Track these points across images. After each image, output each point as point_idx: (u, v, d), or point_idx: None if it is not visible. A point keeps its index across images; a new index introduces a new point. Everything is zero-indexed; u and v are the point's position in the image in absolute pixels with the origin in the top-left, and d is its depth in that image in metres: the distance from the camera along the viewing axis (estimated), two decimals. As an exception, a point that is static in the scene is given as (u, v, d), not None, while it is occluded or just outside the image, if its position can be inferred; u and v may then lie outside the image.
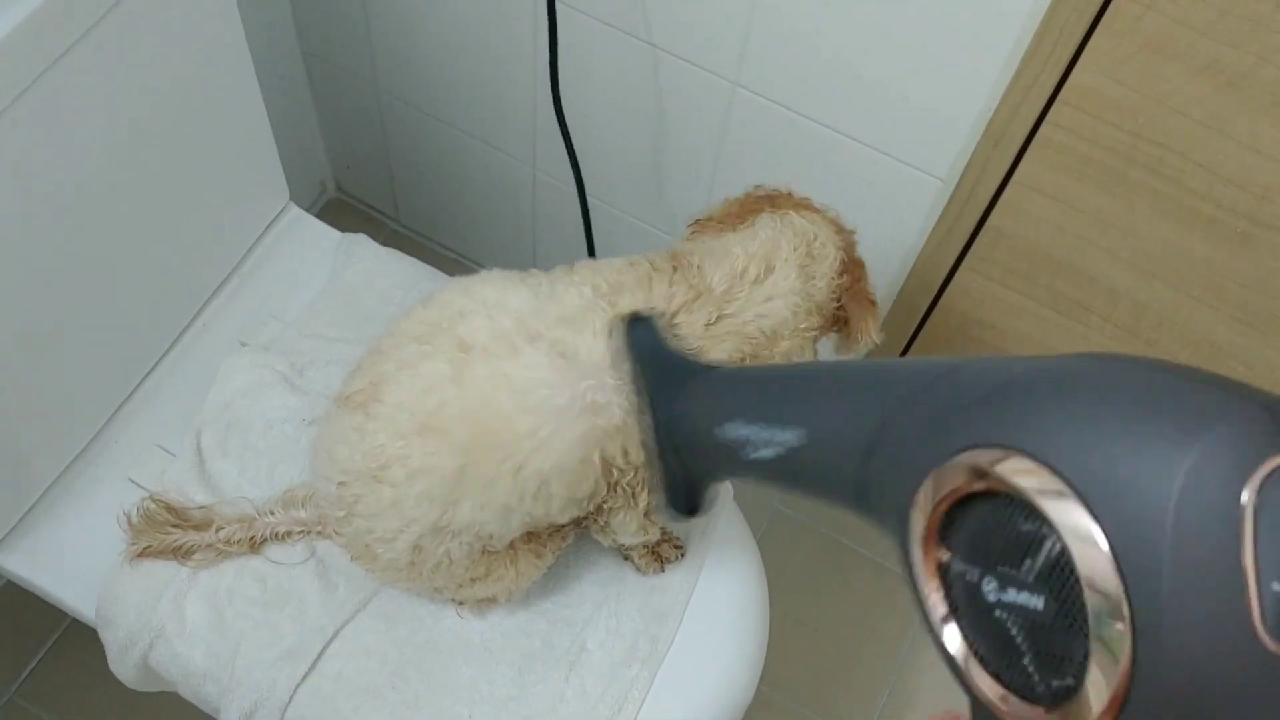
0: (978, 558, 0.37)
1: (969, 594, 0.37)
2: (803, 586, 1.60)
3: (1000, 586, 0.36)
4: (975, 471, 0.36)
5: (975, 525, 0.37)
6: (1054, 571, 0.34)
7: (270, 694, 0.96)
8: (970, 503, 0.37)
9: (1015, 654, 0.36)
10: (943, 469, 0.37)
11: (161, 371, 1.14)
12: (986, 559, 0.36)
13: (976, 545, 0.37)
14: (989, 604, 0.36)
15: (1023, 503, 0.35)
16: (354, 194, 1.82)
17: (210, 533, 0.99)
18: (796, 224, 0.90)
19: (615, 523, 0.91)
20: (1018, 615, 0.35)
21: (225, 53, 1.06)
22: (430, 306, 0.87)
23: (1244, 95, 0.90)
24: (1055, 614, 0.34)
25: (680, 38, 1.15)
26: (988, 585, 0.36)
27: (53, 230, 0.94)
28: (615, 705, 0.98)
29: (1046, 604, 0.34)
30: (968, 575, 0.37)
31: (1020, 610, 0.35)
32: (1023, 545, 0.35)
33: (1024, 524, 0.35)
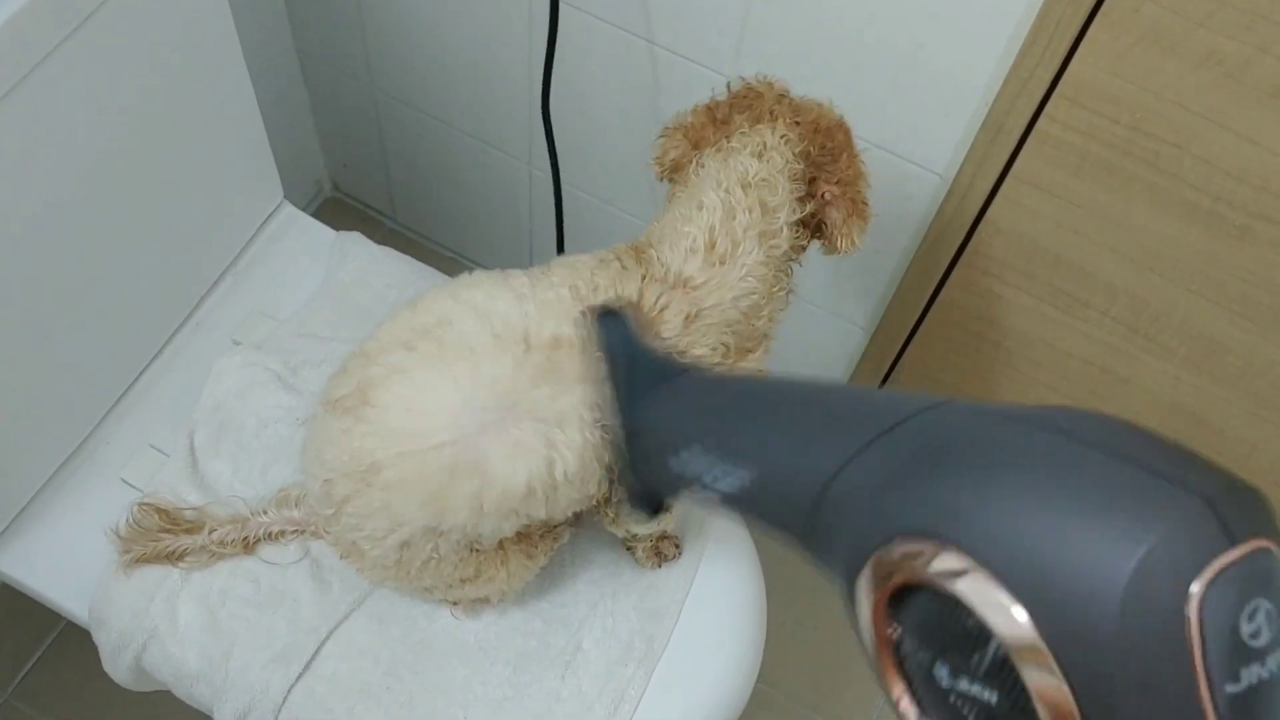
0: (928, 643, 0.36)
1: (922, 674, 0.37)
2: (801, 585, 1.59)
3: (952, 674, 0.36)
4: (915, 569, 0.36)
5: (922, 611, 0.37)
6: (1002, 670, 0.34)
7: (264, 695, 0.95)
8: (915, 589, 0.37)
9: None
10: (883, 554, 0.37)
11: (154, 371, 1.13)
12: (936, 646, 0.36)
13: (925, 631, 0.37)
14: (943, 689, 0.36)
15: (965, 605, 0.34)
16: (350, 193, 1.81)
17: (203, 535, 0.99)
18: (738, 167, 0.85)
19: (625, 512, 0.90)
20: (973, 705, 0.35)
21: (217, 50, 1.05)
22: (416, 311, 0.87)
23: (1243, 87, 0.89)
24: (1009, 709, 0.34)
25: (677, 34, 1.15)
26: (940, 670, 0.36)
27: (43, 229, 0.93)
28: (611, 705, 0.98)
29: (1000, 700, 0.34)
30: (919, 656, 0.37)
31: (975, 701, 0.35)
32: (969, 640, 0.34)
33: (968, 620, 0.34)
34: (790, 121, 0.88)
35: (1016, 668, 0.33)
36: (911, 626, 0.37)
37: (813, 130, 0.89)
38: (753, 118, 0.89)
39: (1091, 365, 1.23)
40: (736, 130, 0.88)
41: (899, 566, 0.36)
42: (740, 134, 0.87)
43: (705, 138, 0.90)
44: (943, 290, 1.25)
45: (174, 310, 1.15)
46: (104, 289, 1.03)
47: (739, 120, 0.89)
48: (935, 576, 0.35)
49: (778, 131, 0.87)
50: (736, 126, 0.88)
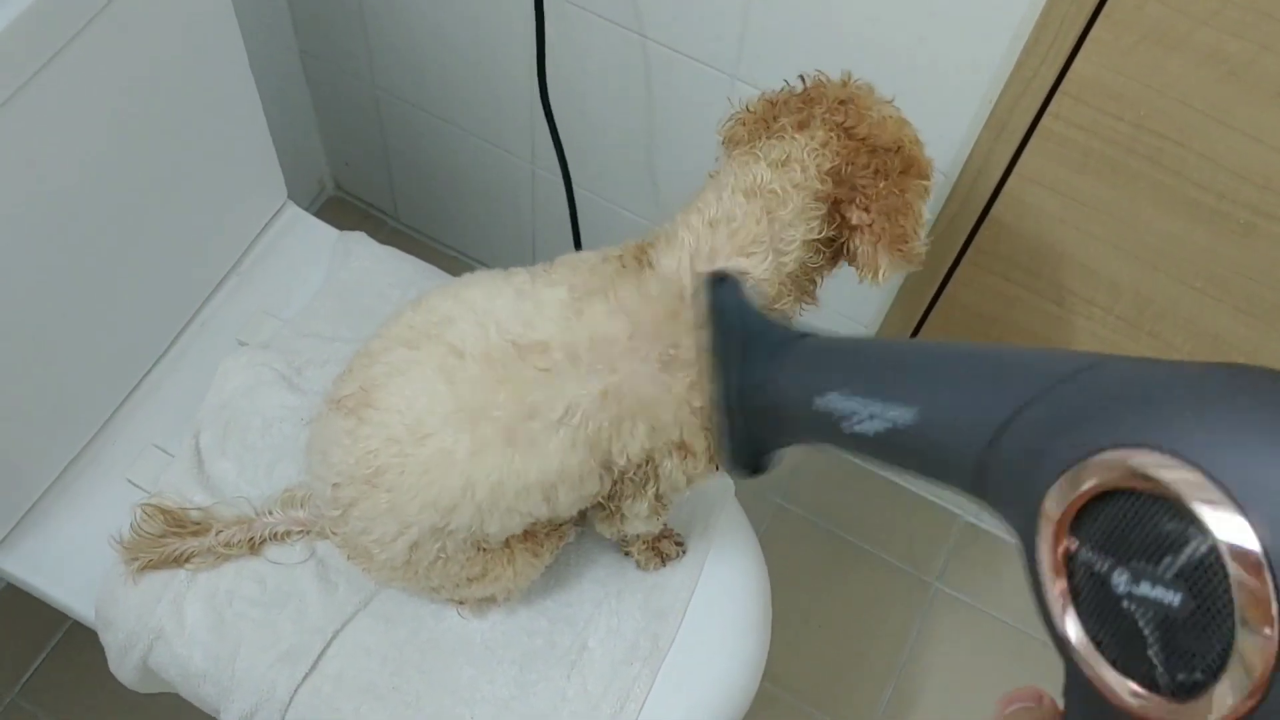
0: (1111, 550, 0.37)
1: (1095, 584, 0.37)
2: (806, 583, 1.60)
3: (1132, 579, 0.36)
4: (1124, 470, 0.36)
5: (1111, 519, 0.37)
6: (1197, 572, 0.34)
7: (270, 695, 0.96)
8: (1109, 498, 0.37)
9: (1139, 644, 0.36)
10: (1087, 464, 0.37)
11: (159, 371, 1.13)
12: (1120, 552, 0.36)
13: (1111, 538, 0.37)
14: (1116, 595, 0.36)
15: (1171, 503, 0.35)
16: (353, 192, 1.81)
17: (210, 537, 0.99)
18: (749, 174, 0.80)
19: (626, 508, 0.90)
20: (1149, 609, 0.35)
21: (220, 50, 1.05)
22: (418, 310, 0.87)
23: (1246, 85, 0.89)
24: (1192, 611, 0.34)
25: (678, 33, 1.15)
26: (1118, 577, 0.36)
27: (49, 230, 0.93)
28: (617, 704, 0.98)
29: (1183, 601, 0.34)
30: (1096, 565, 0.37)
31: (1153, 604, 0.35)
32: (1164, 543, 0.35)
33: (1168, 523, 0.35)
34: (833, 132, 0.81)
35: (1223, 563, 0.33)
36: (1094, 536, 0.37)
37: (858, 148, 0.81)
38: (798, 121, 0.82)
39: (1095, 362, 1.22)
40: (775, 132, 0.82)
41: (1104, 470, 0.37)
42: (772, 138, 0.82)
43: (756, 132, 0.84)
44: (947, 288, 1.25)
45: (179, 310, 1.15)
46: (109, 290, 1.03)
47: (784, 122, 0.82)
48: (1154, 475, 0.35)
49: (813, 141, 0.80)
50: (778, 129, 0.82)
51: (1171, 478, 0.34)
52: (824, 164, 0.80)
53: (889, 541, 1.63)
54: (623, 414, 0.80)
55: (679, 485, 0.87)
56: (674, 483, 0.86)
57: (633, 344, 0.80)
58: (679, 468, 0.85)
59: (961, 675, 1.55)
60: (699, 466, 0.86)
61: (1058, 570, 0.38)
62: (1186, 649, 0.34)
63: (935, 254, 1.20)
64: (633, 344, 0.80)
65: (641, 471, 0.85)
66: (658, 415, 0.81)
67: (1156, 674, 0.35)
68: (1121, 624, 0.36)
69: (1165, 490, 0.35)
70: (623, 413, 0.80)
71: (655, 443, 0.82)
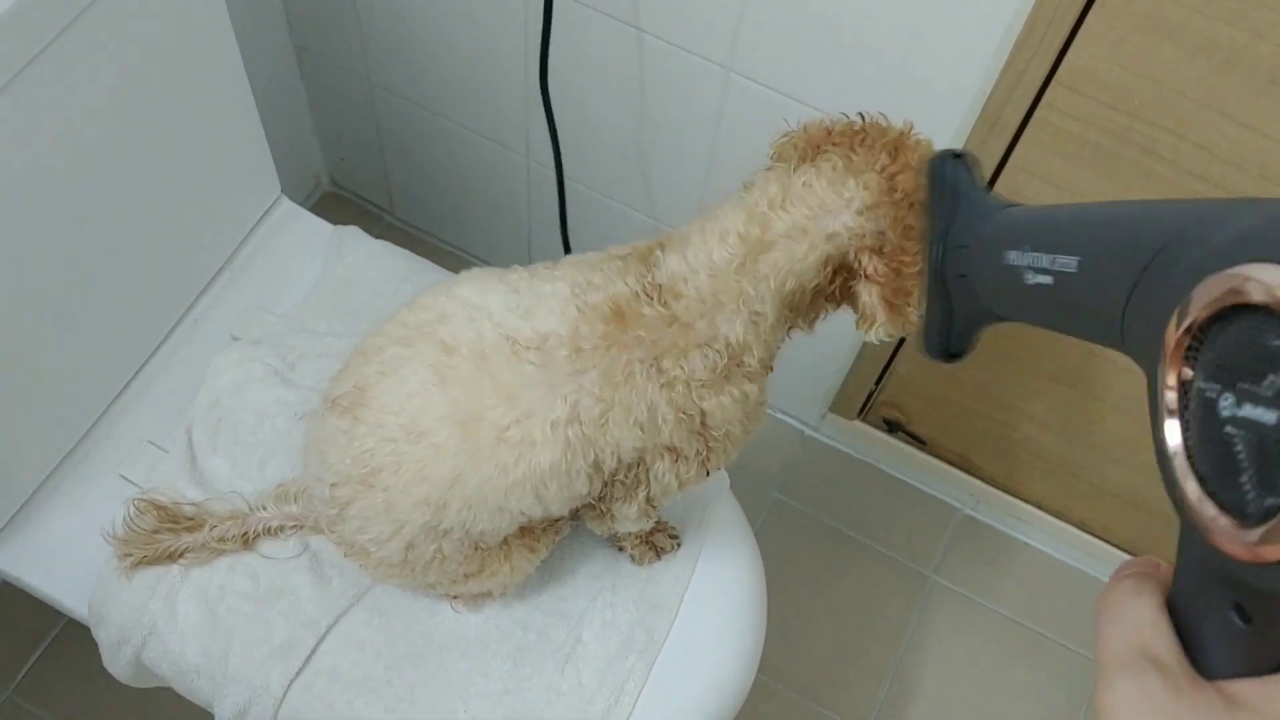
0: (1221, 374, 0.36)
1: (1204, 411, 0.37)
2: (804, 576, 1.60)
3: (1237, 402, 0.35)
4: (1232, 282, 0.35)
5: (1226, 343, 0.36)
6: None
7: (264, 690, 0.95)
8: (1229, 321, 0.36)
9: (1236, 472, 0.35)
10: (1201, 286, 0.37)
11: (153, 367, 1.13)
12: (1230, 375, 0.36)
13: (1222, 363, 0.36)
14: (1221, 420, 0.36)
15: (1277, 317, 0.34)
16: (348, 187, 1.81)
17: (203, 532, 0.99)
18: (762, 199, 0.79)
19: (616, 509, 0.90)
20: (1248, 430, 0.35)
21: (212, 44, 1.05)
22: (414, 308, 0.87)
23: (1241, 74, 0.89)
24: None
25: (673, 25, 1.14)
26: (1225, 401, 0.36)
27: (40, 226, 0.93)
28: (611, 697, 0.98)
29: (1277, 420, 0.33)
30: (1207, 392, 0.37)
31: (1252, 426, 0.34)
32: (1270, 360, 0.34)
33: (1276, 339, 0.34)
34: (874, 177, 0.77)
35: None
36: (1209, 361, 0.37)
37: (895, 202, 0.77)
38: (844, 164, 0.78)
39: (1093, 354, 1.22)
40: (816, 160, 0.78)
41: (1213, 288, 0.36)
42: (806, 167, 0.78)
43: (805, 155, 0.81)
44: (942, 280, 1.24)
45: (172, 306, 1.15)
46: (101, 286, 1.03)
47: (830, 154, 0.78)
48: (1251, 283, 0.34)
49: (850, 181, 0.76)
50: (823, 158, 0.78)
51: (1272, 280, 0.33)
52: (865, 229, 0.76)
53: (887, 535, 1.63)
54: (614, 412, 0.80)
55: (670, 489, 0.87)
56: (665, 486, 0.86)
57: (628, 343, 0.79)
58: (670, 471, 0.85)
59: (959, 668, 1.55)
60: (690, 470, 0.86)
61: (1172, 406, 0.38)
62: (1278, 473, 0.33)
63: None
64: (628, 343, 0.79)
65: (632, 474, 0.85)
66: (649, 416, 0.80)
67: (1247, 501, 0.34)
68: (1223, 453, 0.35)
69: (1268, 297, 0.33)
70: (614, 411, 0.80)
71: (646, 444, 0.82)
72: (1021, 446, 1.47)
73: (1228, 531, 0.35)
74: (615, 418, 0.80)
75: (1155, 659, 0.37)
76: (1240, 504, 0.35)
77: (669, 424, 0.81)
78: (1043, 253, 0.48)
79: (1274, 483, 0.33)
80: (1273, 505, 0.33)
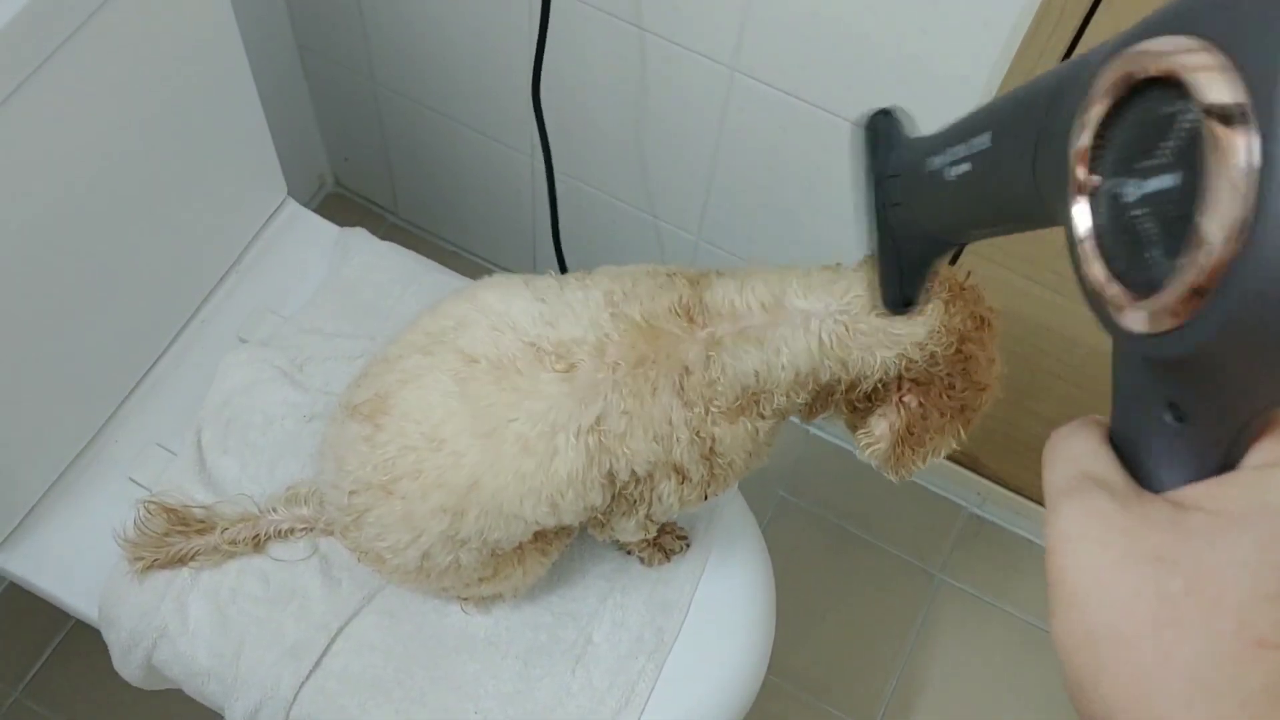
0: (1122, 166, 0.35)
1: (1113, 211, 0.36)
2: (811, 575, 1.60)
3: (1141, 182, 0.34)
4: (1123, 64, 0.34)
5: (1123, 135, 0.35)
6: (1189, 142, 0.32)
7: (275, 692, 0.95)
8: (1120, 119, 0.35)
9: (1146, 248, 0.34)
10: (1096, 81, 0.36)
11: (161, 369, 1.13)
12: (1131, 160, 0.35)
13: (1122, 154, 0.35)
14: (1128, 205, 0.35)
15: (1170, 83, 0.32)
16: (353, 188, 1.81)
17: (214, 535, 0.99)
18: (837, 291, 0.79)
19: (615, 523, 0.90)
20: (1154, 203, 0.34)
21: (218, 47, 1.05)
22: (435, 315, 0.87)
23: (1249, 72, 0.88)
24: (1186, 185, 0.32)
25: (677, 25, 1.14)
26: (1130, 188, 0.35)
27: (48, 229, 0.93)
28: (622, 698, 0.98)
29: (1180, 180, 0.32)
30: (1113, 190, 0.36)
31: (1156, 197, 0.34)
32: (1163, 129, 0.33)
33: (1167, 106, 0.33)
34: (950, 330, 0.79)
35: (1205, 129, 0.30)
36: (1109, 160, 0.36)
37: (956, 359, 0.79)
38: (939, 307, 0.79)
39: (1097, 352, 1.22)
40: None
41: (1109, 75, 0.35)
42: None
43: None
44: (948, 279, 1.24)
45: (180, 308, 1.15)
46: (109, 288, 1.03)
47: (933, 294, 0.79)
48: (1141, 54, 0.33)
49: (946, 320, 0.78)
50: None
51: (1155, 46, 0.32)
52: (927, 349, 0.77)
53: (893, 533, 1.63)
54: (635, 424, 0.80)
55: (671, 508, 0.87)
56: (667, 505, 0.87)
57: (658, 358, 0.79)
58: (674, 492, 0.85)
59: (965, 666, 1.55)
60: (692, 493, 0.86)
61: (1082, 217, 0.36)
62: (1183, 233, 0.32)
63: (937, 245, 1.20)
64: (658, 358, 0.79)
65: (638, 489, 0.85)
66: (667, 431, 0.81)
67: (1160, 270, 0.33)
68: (1134, 237, 0.34)
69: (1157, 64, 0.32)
70: (635, 423, 0.80)
71: (657, 459, 0.82)
72: (1028, 445, 1.47)
73: (1141, 309, 0.34)
74: (635, 430, 0.80)
75: (1099, 479, 0.36)
76: (1153, 279, 0.33)
77: (682, 444, 0.81)
78: (959, 144, 0.48)
79: (1178, 243, 0.32)
80: (1180, 263, 0.32)
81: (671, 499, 0.86)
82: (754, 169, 1.26)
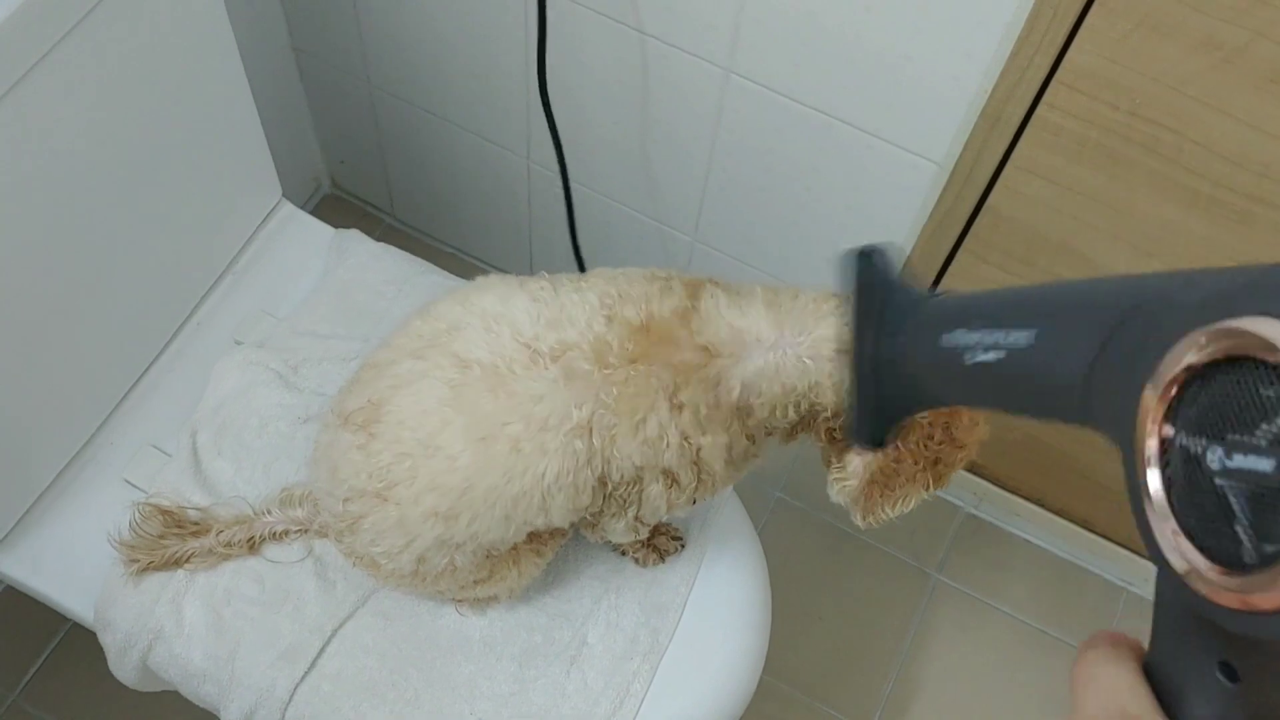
0: (1207, 428, 0.35)
1: (1188, 465, 0.36)
2: (807, 576, 1.60)
3: (1227, 454, 0.34)
4: (1224, 334, 0.35)
5: (1210, 398, 0.36)
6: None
7: (270, 694, 0.95)
8: (1208, 379, 0.36)
9: (1227, 521, 0.34)
10: (1178, 344, 0.36)
11: (156, 371, 1.13)
12: (1217, 428, 0.35)
13: (1207, 416, 0.36)
14: (1211, 473, 0.35)
15: (1269, 366, 0.33)
16: (349, 190, 1.81)
17: (210, 537, 0.99)
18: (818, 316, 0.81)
19: (605, 524, 0.90)
20: (1241, 481, 0.34)
21: (212, 49, 1.05)
22: (426, 319, 0.87)
23: (1241, 72, 0.89)
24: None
25: (672, 26, 1.14)
26: (1213, 454, 0.35)
27: (41, 231, 0.93)
28: (617, 699, 0.98)
29: (1275, 467, 0.33)
30: (1192, 449, 0.36)
31: (1246, 475, 0.34)
32: (1261, 410, 0.33)
33: (1266, 389, 0.33)
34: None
35: None
36: (1192, 417, 0.36)
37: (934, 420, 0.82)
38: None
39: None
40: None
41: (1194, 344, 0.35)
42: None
43: None
44: (943, 279, 1.24)
45: (175, 310, 1.15)
46: (104, 291, 1.03)
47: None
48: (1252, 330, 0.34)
49: None
50: None
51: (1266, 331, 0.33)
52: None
53: (890, 533, 1.63)
54: (624, 426, 0.80)
55: (659, 510, 0.87)
56: (655, 507, 0.87)
57: (652, 361, 0.79)
58: (662, 496, 0.85)
59: (962, 666, 1.55)
60: (680, 497, 0.86)
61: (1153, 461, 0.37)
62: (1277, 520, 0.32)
63: (931, 245, 1.20)
64: (652, 361, 0.79)
65: (627, 492, 0.85)
66: (657, 435, 0.81)
67: (1243, 551, 0.34)
68: (1214, 505, 0.35)
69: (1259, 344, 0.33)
70: (625, 425, 0.80)
71: (647, 463, 0.82)
72: (1023, 445, 1.47)
73: (1219, 582, 0.34)
74: (625, 433, 0.80)
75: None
76: (1233, 553, 0.34)
77: (671, 449, 0.81)
78: (989, 331, 0.47)
79: (1273, 530, 0.33)
80: (1273, 552, 0.33)
81: (659, 502, 0.86)
82: (750, 170, 1.26)
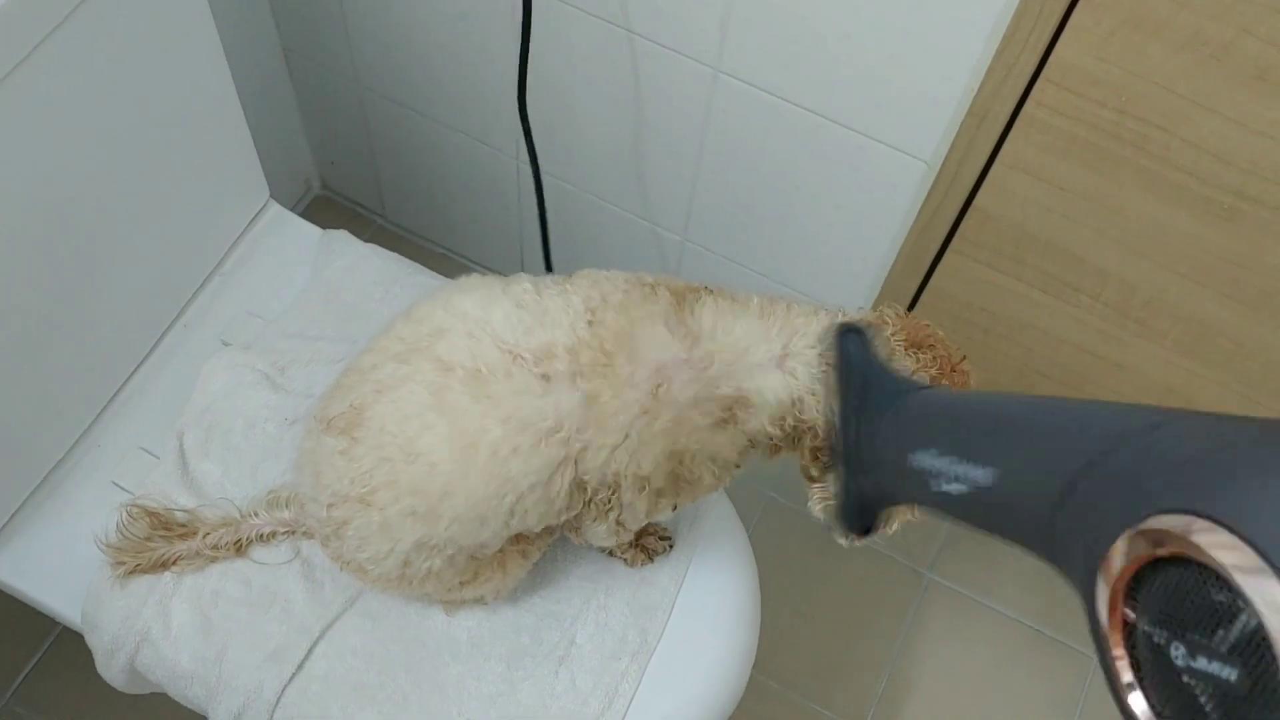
0: (1167, 622, 0.36)
1: (1155, 656, 0.37)
2: (799, 575, 1.60)
3: (1189, 654, 0.35)
4: (1170, 537, 0.35)
5: (1166, 589, 0.36)
6: (1249, 646, 0.33)
7: (258, 695, 0.95)
8: (1162, 565, 0.37)
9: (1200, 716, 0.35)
10: (1138, 530, 0.37)
11: (144, 373, 1.13)
12: (1176, 624, 0.36)
13: (1166, 609, 0.36)
14: (1176, 668, 0.36)
15: (1217, 574, 0.34)
16: (339, 191, 1.81)
17: (196, 540, 0.98)
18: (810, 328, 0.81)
19: (587, 528, 0.90)
20: (1208, 684, 0.35)
21: (196, 48, 1.05)
22: (409, 322, 0.86)
23: (1227, 69, 0.89)
24: (1250, 688, 0.33)
25: (660, 25, 1.14)
26: (1176, 651, 0.36)
27: (27, 233, 0.93)
28: (606, 699, 0.98)
29: (1240, 678, 0.33)
30: (1155, 638, 0.37)
31: (1211, 679, 0.35)
32: (1215, 615, 0.34)
33: (1217, 594, 0.34)
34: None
35: (1270, 639, 0.32)
36: (1151, 606, 0.37)
37: None
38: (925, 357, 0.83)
39: (1084, 350, 1.22)
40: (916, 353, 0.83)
41: (1155, 539, 0.36)
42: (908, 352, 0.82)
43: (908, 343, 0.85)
44: (932, 278, 1.24)
45: (162, 312, 1.15)
46: (90, 293, 1.03)
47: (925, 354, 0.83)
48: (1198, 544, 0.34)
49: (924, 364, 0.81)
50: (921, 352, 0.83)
51: (1216, 549, 0.33)
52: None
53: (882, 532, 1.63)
54: (604, 433, 0.80)
55: (638, 516, 0.87)
56: (634, 512, 0.86)
57: (633, 370, 0.79)
58: (640, 501, 0.85)
59: (955, 665, 1.55)
60: (661, 504, 0.86)
61: (1118, 641, 0.38)
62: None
63: (919, 244, 1.20)
64: (633, 370, 0.79)
65: (607, 496, 0.85)
66: (633, 444, 0.81)
67: None
68: (1184, 698, 0.35)
69: (1210, 560, 0.34)
70: (604, 432, 0.80)
71: (624, 469, 0.82)
72: (1015, 443, 1.46)
73: None
74: (604, 439, 0.80)
75: None
76: None
77: (652, 455, 0.81)
78: (954, 460, 0.48)
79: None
80: None
81: (639, 508, 0.85)
82: (738, 169, 1.26)
